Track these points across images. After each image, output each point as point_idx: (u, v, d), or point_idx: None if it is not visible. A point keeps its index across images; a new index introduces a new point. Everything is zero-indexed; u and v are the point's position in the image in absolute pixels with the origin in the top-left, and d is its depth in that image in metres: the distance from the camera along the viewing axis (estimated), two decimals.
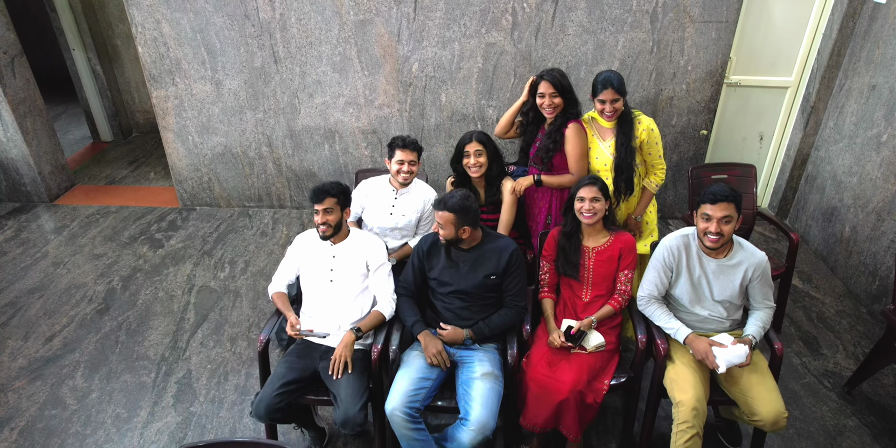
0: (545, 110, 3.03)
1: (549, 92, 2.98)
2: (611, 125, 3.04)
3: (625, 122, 3.00)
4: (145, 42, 4.28)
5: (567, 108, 3.04)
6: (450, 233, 2.57)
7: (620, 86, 2.90)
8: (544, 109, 3.03)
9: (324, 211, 2.59)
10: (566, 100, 3.01)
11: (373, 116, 4.48)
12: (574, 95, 3.05)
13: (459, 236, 2.58)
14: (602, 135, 3.07)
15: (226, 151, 4.71)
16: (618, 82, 2.89)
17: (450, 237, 2.59)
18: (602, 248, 2.77)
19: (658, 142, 3.08)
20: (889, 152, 3.60)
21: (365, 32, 4.18)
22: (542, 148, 3.08)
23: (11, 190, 4.97)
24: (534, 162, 3.17)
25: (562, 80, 2.99)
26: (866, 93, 3.84)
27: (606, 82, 2.89)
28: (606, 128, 3.05)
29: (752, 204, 3.65)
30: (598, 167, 3.07)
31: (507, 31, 4.11)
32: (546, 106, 3.01)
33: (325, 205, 2.58)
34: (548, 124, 3.09)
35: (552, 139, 3.05)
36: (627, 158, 3.00)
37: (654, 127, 3.04)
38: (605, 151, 3.05)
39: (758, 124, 4.57)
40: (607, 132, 3.05)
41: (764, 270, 2.57)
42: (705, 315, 2.64)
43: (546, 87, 2.98)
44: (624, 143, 2.99)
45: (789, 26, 4.19)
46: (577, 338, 2.61)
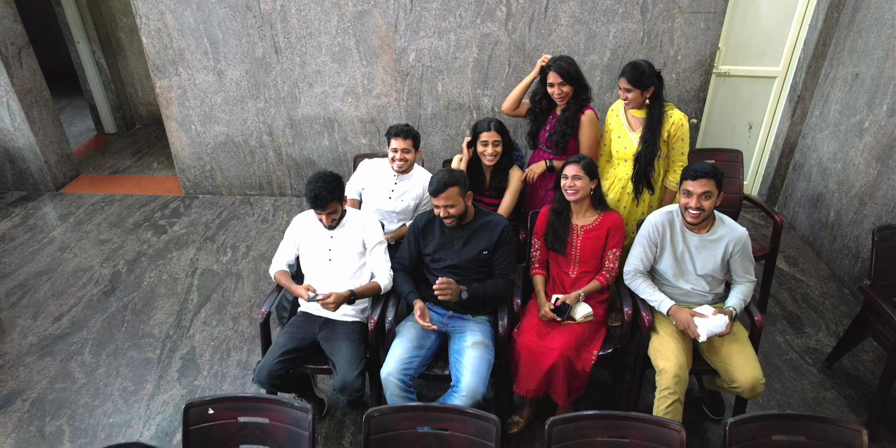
0: (556, 98, 3.14)
1: (557, 81, 3.09)
2: (642, 115, 3.06)
3: (654, 116, 3.00)
4: (149, 33, 4.40)
5: (577, 94, 3.14)
6: (460, 206, 2.65)
7: (634, 79, 2.91)
8: (555, 97, 3.14)
9: (328, 213, 2.69)
10: (576, 87, 3.12)
11: (371, 106, 4.60)
12: (583, 81, 3.14)
13: (467, 205, 2.68)
14: (633, 125, 3.09)
15: (228, 140, 4.83)
16: (632, 74, 2.91)
17: (461, 211, 2.67)
18: (590, 227, 2.89)
19: (685, 138, 3.06)
20: (871, 138, 3.71)
21: (363, 23, 4.30)
22: (558, 133, 3.18)
23: (18, 178, 5.09)
24: (546, 146, 3.28)
25: (569, 69, 3.08)
26: (850, 81, 3.95)
27: (623, 71, 2.95)
28: (638, 118, 3.08)
29: (739, 188, 3.76)
30: (626, 156, 3.09)
31: (501, 22, 4.23)
32: (556, 94, 3.12)
33: (328, 209, 2.67)
34: (560, 110, 3.20)
35: (569, 125, 3.16)
36: (648, 154, 3.01)
37: (684, 122, 3.04)
38: (633, 141, 3.07)
39: (747, 113, 4.69)
40: (638, 123, 3.07)
41: (744, 245, 2.68)
42: (688, 289, 2.76)
43: (554, 77, 3.09)
44: (649, 140, 3.00)
45: (776, 17, 4.31)
46: (565, 310, 2.72)
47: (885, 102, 3.60)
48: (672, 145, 3.07)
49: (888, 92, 3.57)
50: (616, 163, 3.16)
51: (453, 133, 4.66)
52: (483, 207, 2.92)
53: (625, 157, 3.10)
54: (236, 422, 1.97)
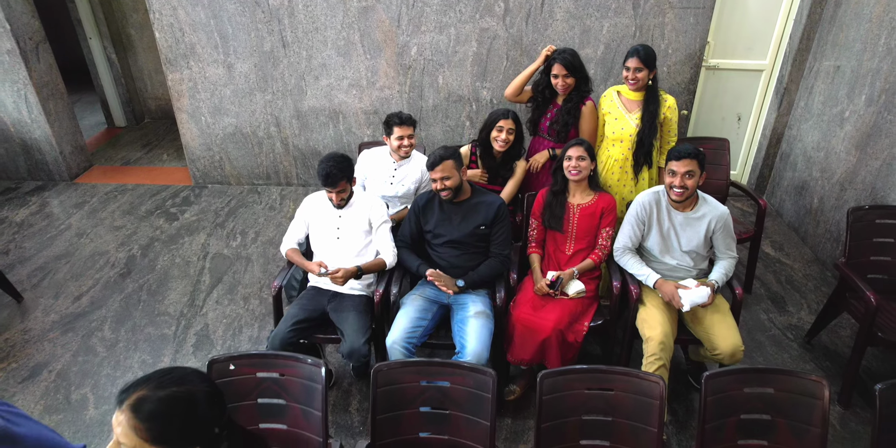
0: (559, 89, 3.33)
1: (561, 73, 3.28)
2: (638, 98, 3.28)
3: (652, 99, 3.23)
4: (162, 28, 4.59)
5: (579, 85, 3.33)
6: (455, 179, 2.83)
7: (647, 58, 3.14)
8: (558, 88, 3.33)
9: (338, 192, 2.88)
10: (578, 78, 3.31)
11: (374, 98, 4.78)
12: (585, 73, 3.34)
13: (462, 179, 2.86)
14: (628, 107, 3.31)
15: (236, 131, 5.02)
16: (644, 54, 3.14)
17: (457, 183, 2.84)
18: (586, 206, 3.07)
19: (676, 120, 3.34)
20: (850, 127, 3.90)
21: (367, 18, 4.49)
22: (560, 122, 3.38)
23: (34, 169, 5.27)
24: (548, 134, 3.47)
25: (573, 61, 3.28)
26: (832, 74, 4.14)
27: (634, 52, 3.16)
28: (633, 101, 3.30)
29: (726, 175, 3.95)
30: (622, 136, 3.30)
31: (499, 17, 4.42)
32: (560, 86, 3.32)
33: (339, 187, 2.86)
34: (562, 100, 3.39)
35: (571, 115, 3.35)
36: (650, 134, 3.24)
37: (675, 106, 3.31)
38: (630, 122, 3.28)
39: (736, 105, 4.88)
40: (634, 105, 3.29)
41: (726, 222, 2.87)
42: (674, 264, 2.94)
43: (559, 68, 3.28)
44: (649, 120, 3.23)
45: (763, 12, 4.50)
46: (560, 285, 2.91)
47: (863, 93, 3.79)
48: (668, 129, 3.29)
49: (866, 83, 3.76)
50: (611, 144, 3.36)
51: (453, 124, 4.85)
52: (481, 187, 3.11)
53: (620, 137, 3.30)
54: (255, 377, 2.16)
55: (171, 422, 1.13)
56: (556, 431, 2.11)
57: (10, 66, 4.73)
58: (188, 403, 1.15)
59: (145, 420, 1.10)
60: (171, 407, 1.13)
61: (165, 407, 1.13)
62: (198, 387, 1.18)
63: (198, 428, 1.16)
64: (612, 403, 2.11)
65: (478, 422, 2.11)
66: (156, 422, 1.11)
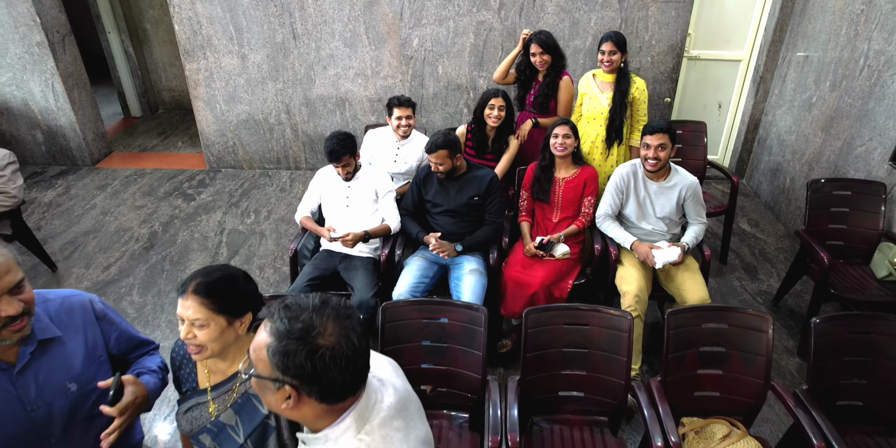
0: (538, 65, 3.74)
1: (538, 51, 3.69)
2: (610, 80, 3.65)
3: (623, 80, 3.62)
4: (181, 21, 4.93)
5: (555, 61, 3.74)
6: (448, 165, 3.18)
7: (619, 42, 3.54)
8: (537, 65, 3.74)
9: (343, 166, 3.22)
10: (553, 55, 3.71)
11: (378, 86, 5.12)
12: (560, 51, 3.75)
13: (455, 165, 3.21)
14: (601, 88, 3.69)
15: (249, 118, 5.36)
16: (617, 39, 3.54)
17: (449, 169, 3.20)
18: (570, 179, 3.41)
19: (646, 100, 3.70)
20: (818, 111, 4.24)
21: (372, 12, 4.83)
22: (542, 95, 3.79)
23: (59, 154, 5.61)
24: (533, 108, 3.87)
25: (547, 41, 3.68)
26: (802, 63, 4.48)
27: (608, 37, 3.56)
28: (606, 82, 3.68)
29: (703, 155, 4.29)
30: (595, 115, 3.69)
31: (494, 11, 4.76)
32: (538, 62, 3.72)
33: (342, 162, 3.20)
34: (542, 77, 3.80)
35: (550, 89, 3.77)
36: (620, 111, 3.63)
37: (644, 88, 3.68)
38: (602, 102, 3.67)
39: (716, 93, 5.22)
40: (606, 86, 3.67)
41: (695, 190, 3.20)
42: (650, 229, 3.28)
43: (535, 48, 3.69)
44: (619, 99, 3.62)
45: (739, 6, 4.84)
46: (547, 247, 3.25)
47: (827, 79, 4.13)
48: (637, 108, 3.62)
49: (830, 70, 4.10)
50: (586, 122, 3.70)
51: (452, 111, 5.19)
52: (476, 163, 3.45)
53: (594, 115, 3.65)
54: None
55: (225, 294, 1.47)
56: (539, 361, 2.45)
57: (39, 57, 5.07)
58: (233, 279, 1.50)
59: (207, 296, 1.44)
60: (223, 283, 1.48)
61: (218, 284, 1.47)
62: (234, 270, 1.53)
63: (243, 298, 1.51)
64: (588, 337, 2.45)
65: (472, 352, 2.44)
66: (215, 295, 1.45)
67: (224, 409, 1.56)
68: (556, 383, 2.48)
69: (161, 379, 1.72)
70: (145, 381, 1.62)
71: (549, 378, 2.47)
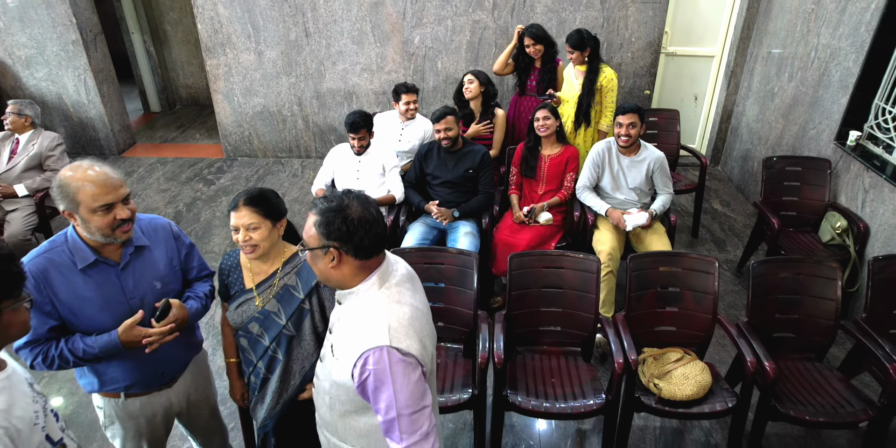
0: (533, 54, 4.32)
1: (531, 42, 4.27)
2: (583, 69, 4.18)
3: (591, 70, 4.15)
4: (204, 20, 5.41)
5: (548, 49, 4.30)
6: (455, 130, 3.65)
7: (575, 43, 4.07)
8: (531, 53, 4.32)
9: (359, 138, 3.69)
10: (545, 44, 4.28)
11: (383, 80, 5.60)
12: (550, 39, 4.31)
13: (459, 131, 3.68)
14: (576, 76, 4.24)
15: (264, 110, 5.84)
16: (571, 40, 4.08)
17: (455, 135, 3.66)
18: (554, 156, 3.87)
19: (614, 89, 4.19)
20: (779, 100, 4.71)
21: (377, 12, 5.32)
22: (544, 81, 4.38)
23: (88, 144, 6.08)
24: (536, 92, 4.42)
25: (538, 33, 4.25)
26: (766, 57, 4.96)
27: (567, 38, 4.12)
28: (580, 71, 4.21)
29: (676, 139, 4.75)
30: (569, 98, 4.23)
31: (489, 11, 5.25)
32: (532, 52, 4.31)
33: (360, 134, 3.68)
34: (539, 64, 4.39)
35: (549, 74, 4.38)
36: (587, 97, 4.15)
37: (613, 77, 4.18)
38: (575, 88, 4.20)
39: (692, 87, 5.69)
40: (580, 74, 4.21)
41: (662, 163, 3.67)
42: (623, 199, 3.74)
43: (528, 40, 4.28)
44: (588, 85, 4.13)
45: (711, 6, 5.32)
46: (533, 214, 3.71)
47: (786, 71, 4.61)
48: (604, 95, 4.11)
49: (788, 63, 4.58)
50: (565, 103, 4.19)
51: (451, 103, 5.65)
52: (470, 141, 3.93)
53: (568, 99, 4.17)
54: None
55: (266, 203, 1.93)
56: (522, 299, 2.90)
57: (73, 54, 5.56)
58: (269, 194, 1.97)
59: (256, 205, 1.90)
60: (263, 196, 1.94)
61: (261, 197, 1.93)
62: (267, 189, 1.99)
63: (278, 207, 1.98)
64: (562, 278, 2.90)
65: (465, 291, 2.90)
66: (261, 205, 1.91)
67: (268, 299, 2.02)
68: (536, 318, 2.94)
69: (204, 305, 2.17)
70: (190, 305, 2.06)
71: (530, 314, 2.92)
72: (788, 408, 2.60)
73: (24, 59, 5.60)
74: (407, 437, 1.49)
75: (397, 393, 1.47)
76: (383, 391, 1.48)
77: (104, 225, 1.77)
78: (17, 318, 1.35)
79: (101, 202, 1.75)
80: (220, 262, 2.18)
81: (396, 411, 1.47)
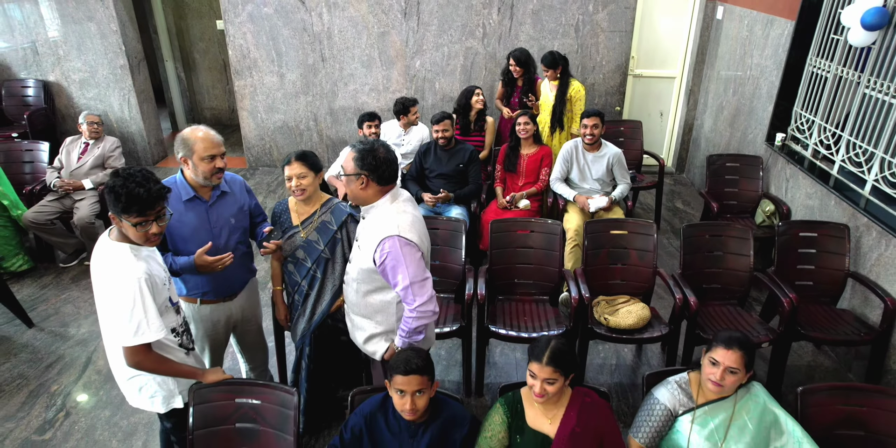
0: (515, 74, 5.19)
1: (514, 64, 5.12)
2: (556, 84, 5.02)
3: (563, 84, 5.00)
4: (234, 47, 6.29)
5: (527, 71, 5.17)
6: (451, 131, 4.45)
7: (547, 62, 4.92)
8: (515, 74, 5.19)
9: (374, 125, 4.52)
10: (525, 67, 5.12)
11: (388, 99, 6.45)
12: (531, 63, 5.17)
13: (454, 133, 4.47)
14: (551, 90, 5.07)
15: (283, 125, 6.67)
16: (547, 61, 4.93)
17: (451, 136, 4.46)
18: (532, 155, 4.66)
19: (582, 99, 5.04)
20: (726, 112, 5.54)
21: (384, 41, 6.19)
22: (525, 93, 5.18)
23: (127, 155, 6.83)
24: (518, 106, 5.21)
25: (519, 57, 5.11)
26: (715, 78, 5.81)
27: (542, 59, 4.98)
28: (554, 85, 5.05)
29: (640, 146, 5.56)
30: (545, 107, 5.07)
31: (479, 39, 6.12)
32: (514, 72, 5.17)
33: (375, 122, 4.51)
34: (521, 83, 5.21)
35: (529, 88, 5.20)
36: (559, 106, 5.00)
37: (581, 89, 5.03)
38: (550, 99, 5.04)
39: (657, 104, 6.53)
40: (554, 87, 5.04)
41: (619, 158, 4.45)
42: (588, 188, 4.51)
43: (512, 61, 5.13)
44: (559, 96, 4.98)
45: (671, 35, 6.20)
46: (514, 201, 4.48)
47: (731, 88, 5.44)
48: (574, 104, 4.94)
49: (732, 80, 5.42)
50: (542, 110, 5.01)
51: None
52: (462, 140, 4.73)
53: (545, 107, 4.98)
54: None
55: (309, 158, 2.67)
56: (501, 256, 3.64)
57: (121, 76, 6.42)
58: (311, 154, 2.71)
59: (304, 160, 2.64)
60: (309, 153, 2.68)
61: (305, 153, 2.68)
62: (308, 150, 2.74)
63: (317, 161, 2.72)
64: (533, 239, 3.64)
65: (456, 250, 3.63)
66: (307, 160, 2.65)
67: (310, 232, 2.77)
68: (512, 272, 3.67)
69: None
70: None
71: (507, 268, 3.66)
72: (710, 334, 3.31)
73: (78, 81, 6.46)
74: (419, 298, 2.23)
75: (408, 267, 2.21)
76: (399, 268, 2.22)
77: (207, 170, 2.54)
78: (161, 225, 2.10)
79: (209, 153, 2.52)
80: (273, 208, 2.93)
81: (409, 280, 2.22)
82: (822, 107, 4.20)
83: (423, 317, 2.28)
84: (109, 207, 2.07)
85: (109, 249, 2.12)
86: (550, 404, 2.15)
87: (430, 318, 2.31)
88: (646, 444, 2.26)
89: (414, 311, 2.26)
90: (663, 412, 2.25)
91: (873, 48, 3.67)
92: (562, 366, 2.07)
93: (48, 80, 6.47)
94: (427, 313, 2.28)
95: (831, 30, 4.10)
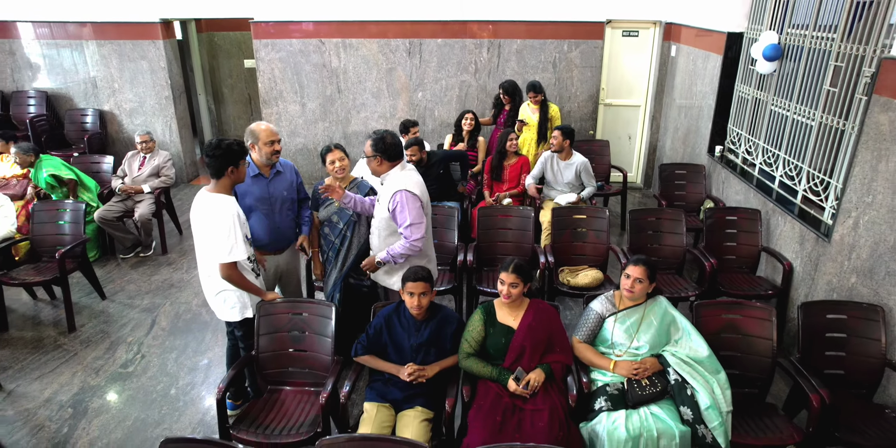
0: (504, 102, 6.23)
1: (501, 93, 6.17)
2: (536, 107, 6.07)
3: (544, 106, 6.05)
4: (264, 80, 7.39)
5: (514, 98, 6.19)
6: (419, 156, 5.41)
7: (535, 88, 5.98)
8: (504, 102, 6.23)
9: None
10: (511, 96, 6.14)
11: (395, 125, 7.49)
12: (518, 92, 6.21)
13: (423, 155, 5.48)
14: (532, 112, 6.11)
15: (304, 148, 7.70)
16: (536, 88, 5.99)
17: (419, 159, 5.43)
18: (513, 165, 5.67)
19: (558, 118, 6.12)
20: (680, 133, 6.58)
21: (391, 75, 7.30)
22: (510, 117, 6.22)
23: None
24: (504, 125, 6.23)
25: (507, 87, 6.17)
26: (673, 105, 6.88)
27: (530, 87, 6.06)
28: (534, 108, 6.09)
29: (608, 161, 6.57)
30: (531, 126, 6.08)
31: (472, 74, 7.23)
32: (504, 100, 6.20)
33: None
34: (508, 108, 6.24)
35: (514, 113, 6.21)
36: (543, 123, 6.03)
37: (557, 110, 6.12)
38: (533, 119, 6.06)
39: (626, 129, 7.58)
40: (535, 110, 6.08)
41: (586, 166, 5.45)
42: (560, 189, 5.50)
43: (501, 91, 6.15)
44: (543, 117, 6.03)
45: (634, 70, 7.30)
46: (499, 199, 5.46)
47: (683, 112, 6.50)
48: (552, 123, 5.97)
49: (683, 106, 6.48)
50: (526, 130, 6.05)
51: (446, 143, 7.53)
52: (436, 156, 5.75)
53: (530, 126, 6.02)
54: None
55: (344, 147, 3.67)
56: (485, 236, 4.58)
57: (165, 105, 7.50)
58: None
59: (340, 148, 3.64)
60: (341, 145, 3.68)
61: (340, 144, 3.67)
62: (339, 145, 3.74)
63: None
64: (513, 223, 4.59)
65: (450, 230, 4.58)
66: (342, 148, 3.65)
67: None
68: (494, 248, 4.60)
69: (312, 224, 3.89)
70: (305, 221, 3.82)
71: (490, 245, 4.60)
72: None
73: (129, 110, 7.54)
74: (415, 235, 3.20)
75: (410, 212, 3.17)
76: (404, 212, 3.18)
77: (269, 152, 3.53)
78: (243, 170, 3.08)
79: (270, 139, 3.51)
80: (313, 188, 3.90)
81: (410, 221, 3.17)
82: (747, 123, 5.23)
83: (412, 248, 3.25)
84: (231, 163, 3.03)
85: (212, 197, 3.08)
86: (514, 306, 3.07)
87: (416, 252, 3.28)
88: (584, 339, 3.17)
89: (408, 243, 3.22)
90: (595, 317, 3.16)
91: (774, 75, 4.73)
92: (522, 274, 3.00)
93: (103, 109, 7.55)
94: (416, 248, 3.24)
95: (748, 62, 5.17)
